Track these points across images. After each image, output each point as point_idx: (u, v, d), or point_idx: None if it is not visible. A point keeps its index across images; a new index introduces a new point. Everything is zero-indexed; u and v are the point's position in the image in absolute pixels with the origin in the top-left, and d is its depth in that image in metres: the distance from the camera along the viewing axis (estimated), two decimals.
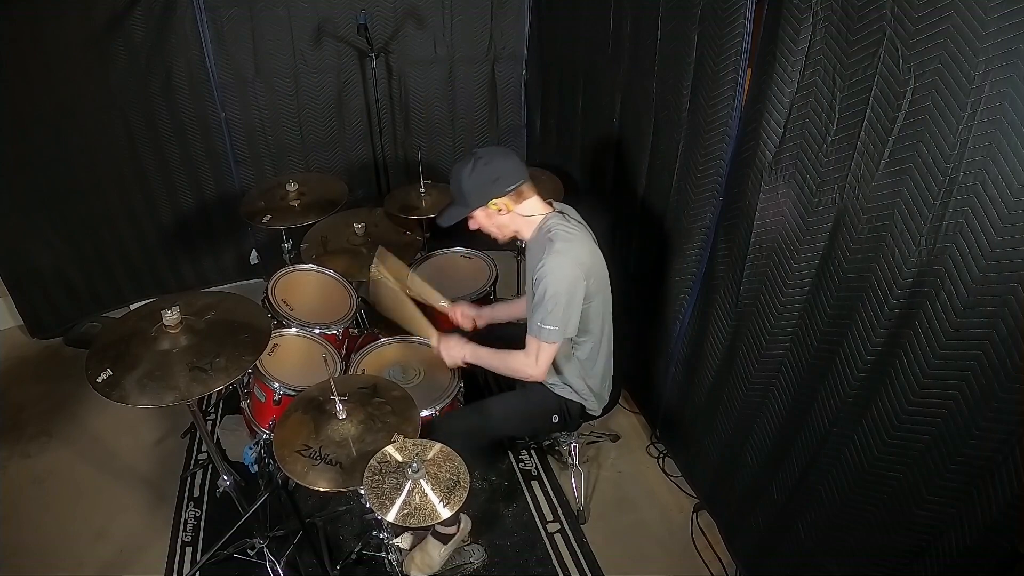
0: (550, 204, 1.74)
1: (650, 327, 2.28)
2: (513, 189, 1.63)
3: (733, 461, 1.92)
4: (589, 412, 1.93)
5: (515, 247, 2.72)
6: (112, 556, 2.06)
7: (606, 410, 2.00)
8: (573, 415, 1.91)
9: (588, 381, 1.85)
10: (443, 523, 1.89)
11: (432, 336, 1.92)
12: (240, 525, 1.89)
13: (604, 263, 1.73)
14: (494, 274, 2.42)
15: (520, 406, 1.90)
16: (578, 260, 1.60)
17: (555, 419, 1.89)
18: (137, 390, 1.40)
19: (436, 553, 1.96)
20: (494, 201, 1.64)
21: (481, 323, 2.05)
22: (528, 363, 1.69)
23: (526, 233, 1.71)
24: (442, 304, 2.05)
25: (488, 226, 1.72)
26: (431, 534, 1.97)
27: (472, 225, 1.73)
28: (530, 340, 1.66)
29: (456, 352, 1.85)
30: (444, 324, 2.05)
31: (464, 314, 2.03)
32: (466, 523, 2.02)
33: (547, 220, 1.67)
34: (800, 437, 1.59)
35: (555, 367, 1.81)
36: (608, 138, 2.39)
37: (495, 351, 1.81)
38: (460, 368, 2.01)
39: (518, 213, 1.67)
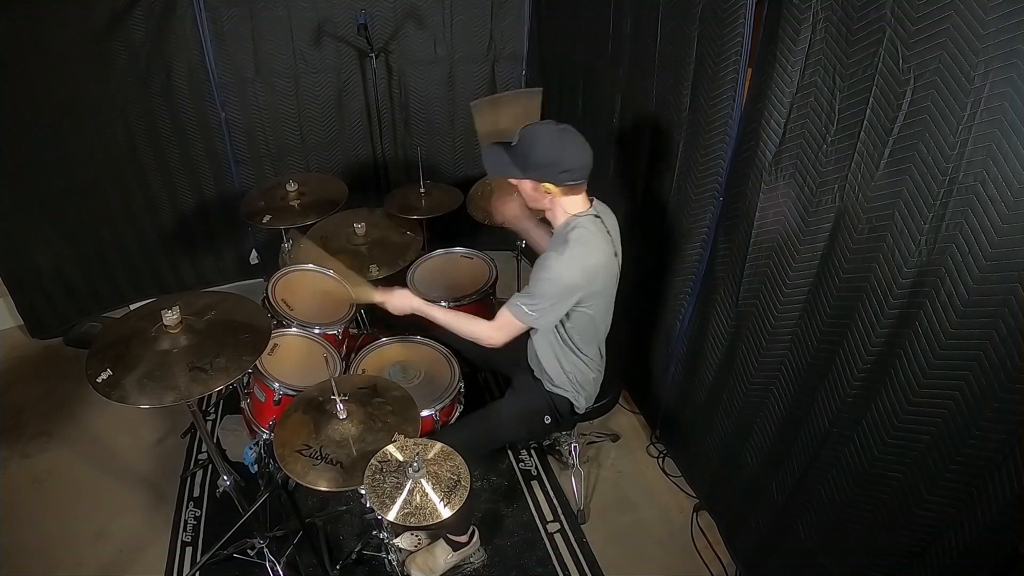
0: (591, 201, 1.71)
1: (650, 327, 2.28)
2: (571, 184, 1.61)
3: (733, 461, 1.92)
4: (576, 410, 1.92)
5: (515, 247, 2.72)
6: (112, 556, 2.06)
7: (604, 410, 2.01)
8: (564, 413, 1.90)
9: (579, 377, 1.85)
10: (457, 531, 1.89)
11: (372, 292, 1.86)
12: (240, 525, 1.89)
13: (615, 276, 1.73)
14: (494, 274, 2.42)
15: (513, 411, 1.89)
16: (583, 266, 1.60)
17: (547, 420, 1.89)
18: (137, 390, 1.40)
19: (443, 558, 1.96)
20: (548, 184, 1.61)
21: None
22: (491, 331, 1.71)
23: (556, 220, 1.70)
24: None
25: (528, 195, 1.69)
26: (443, 538, 1.97)
27: (512, 181, 1.69)
28: (504, 312, 1.67)
29: (402, 301, 1.81)
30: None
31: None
32: (476, 539, 2.02)
33: (577, 218, 1.65)
34: (800, 437, 1.59)
35: (549, 359, 1.82)
36: (608, 138, 2.39)
37: (454, 312, 1.80)
38: (460, 368, 2.01)
39: (560, 202, 1.66)
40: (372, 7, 2.79)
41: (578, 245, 1.60)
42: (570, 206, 1.66)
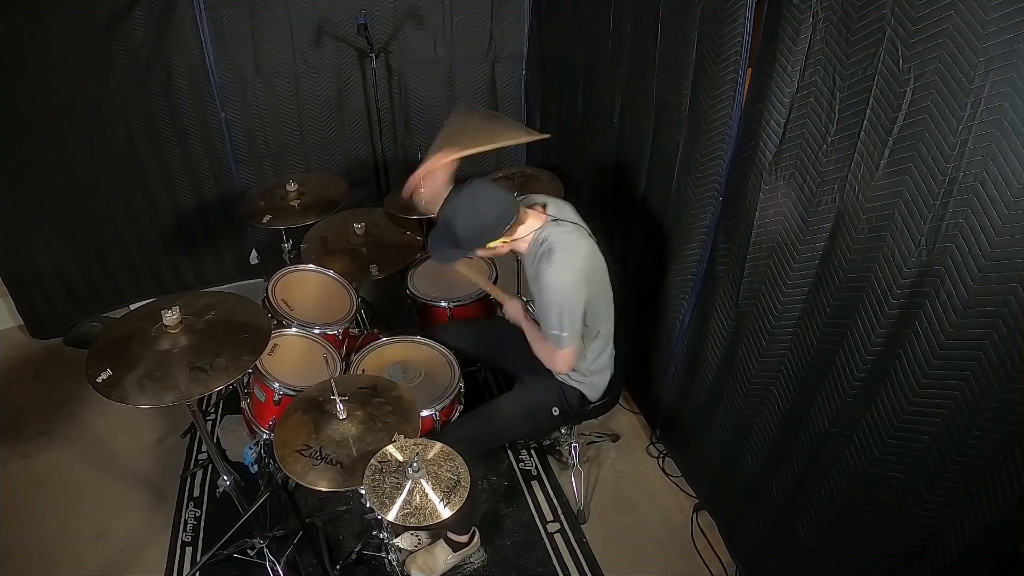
0: (543, 208, 1.72)
1: (650, 327, 2.28)
2: (508, 229, 1.62)
3: (733, 461, 1.92)
4: (587, 399, 1.92)
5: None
6: (112, 556, 2.06)
7: (606, 408, 2.00)
8: (572, 405, 1.90)
9: (591, 367, 1.85)
10: (457, 531, 1.90)
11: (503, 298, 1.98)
12: (240, 525, 1.89)
13: (603, 259, 1.74)
14: (494, 274, 2.42)
15: (519, 406, 1.90)
16: (576, 266, 1.61)
17: (555, 412, 1.89)
18: (137, 390, 1.40)
19: (442, 558, 1.96)
20: (492, 243, 1.64)
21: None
22: (549, 359, 1.75)
23: (522, 249, 1.71)
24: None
25: (488, 256, 1.74)
26: (443, 539, 1.97)
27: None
28: (549, 345, 1.71)
29: (516, 312, 1.90)
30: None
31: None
32: (477, 540, 2.02)
33: (541, 233, 1.67)
34: (800, 437, 1.59)
35: None
36: (608, 138, 2.39)
37: (538, 333, 1.80)
38: (460, 368, 2.01)
39: (516, 238, 1.67)
40: (372, 7, 2.79)
41: (558, 251, 1.61)
42: (524, 232, 1.68)
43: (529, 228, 1.68)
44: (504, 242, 1.65)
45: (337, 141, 3.12)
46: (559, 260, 1.59)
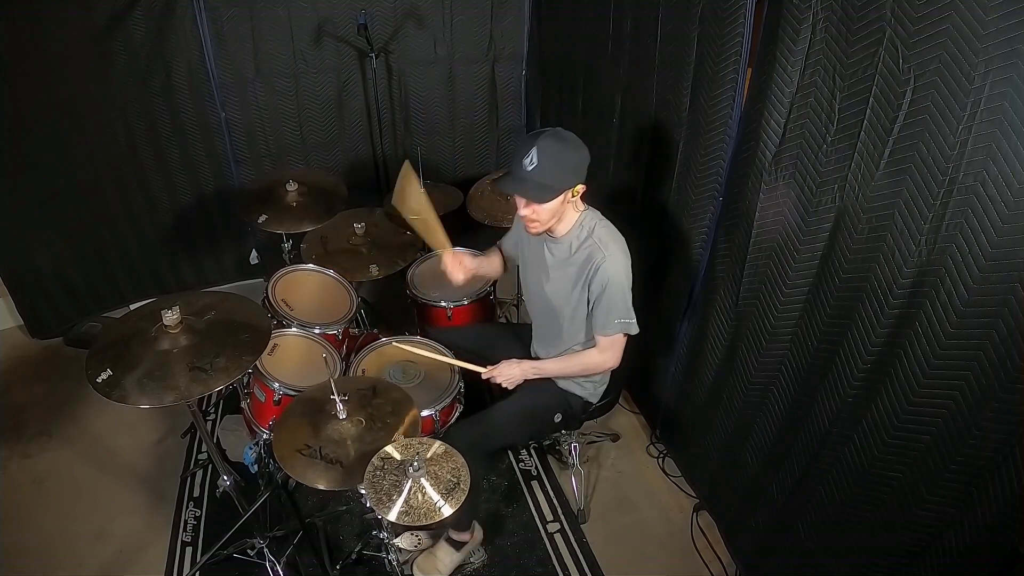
0: None
1: (650, 327, 2.26)
2: (584, 176, 1.62)
3: (733, 461, 1.92)
4: (589, 403, 1.92)
5: None
6: (112, 556, 2.06)
7: (606, 408, 2.01)
8: (575, 411, 1.91)
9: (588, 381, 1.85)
10: (458, 529, 1.89)
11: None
12: (240, 525, 1.89)
13: None
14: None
15: (521, 411, 1.89)
16: (625, 250, 1.67)
17: (557, 418, 1.89)
18: (137, 390, 1.40)
19: (448, 559, 1.96)
20: (580, 185, 1.61)
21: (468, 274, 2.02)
22: (606, 358, 1.76)
23: (566, 226, 1.69)
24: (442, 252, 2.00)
25: (552, 211, 1.61)
26: (444, 539, 1.97)
27: (528, 210, 1.61)
28: (605, 339, 1.72)
29: (514, 372, 1.80)
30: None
31: (460, 263, 1.99)
32: (479, 533, 2.02)
33: (584, 216, 1.69)
34: (800, 437, 1.59)
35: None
36: (608, 138, 2.39)
37: (561, 359, 1.82)
38: (460, 368, 2.01)
39: (576, 199, 1.66)
40: (372, 7, 2.80)
41: (611, 239, 1.65)
42: (578, 206, 1.69)
43: (578, 205, 1.69)
44: (578, 192, 1.62)
45: (337, 141, 3.12)
46: (615, 250, 1.64)
